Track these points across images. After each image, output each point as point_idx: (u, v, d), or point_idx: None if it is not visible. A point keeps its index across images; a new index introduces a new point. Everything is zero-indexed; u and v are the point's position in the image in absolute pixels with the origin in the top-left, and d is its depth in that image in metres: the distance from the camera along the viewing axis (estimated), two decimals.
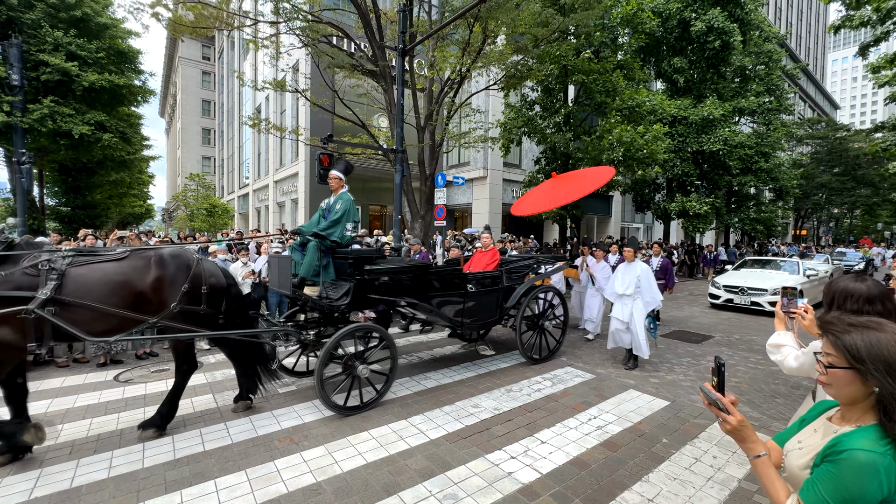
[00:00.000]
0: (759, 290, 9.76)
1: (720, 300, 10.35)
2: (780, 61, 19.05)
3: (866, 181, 32.73)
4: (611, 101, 12.27)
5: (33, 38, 12.81)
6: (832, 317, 1.17)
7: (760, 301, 9.63)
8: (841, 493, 0.98)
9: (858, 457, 0.97)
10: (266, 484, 2.87)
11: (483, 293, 5.17)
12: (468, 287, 4.98)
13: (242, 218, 32.54)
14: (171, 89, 52.44)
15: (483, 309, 5.23)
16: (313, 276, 4.18)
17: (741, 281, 10.16)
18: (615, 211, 23.68)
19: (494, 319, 5.40)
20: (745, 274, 10.82)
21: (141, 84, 16.28)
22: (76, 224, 17.35)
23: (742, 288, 9.99)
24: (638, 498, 2.80)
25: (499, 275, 5.41)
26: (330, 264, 4.28)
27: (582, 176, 6.98)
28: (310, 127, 16.69)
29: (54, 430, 3.56)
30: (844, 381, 1.07)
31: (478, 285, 5.11)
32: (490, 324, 5.43)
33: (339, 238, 4.28)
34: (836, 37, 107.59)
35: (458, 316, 4.99)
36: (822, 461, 1.05)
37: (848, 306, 1.68)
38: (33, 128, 12.41)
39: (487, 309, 5.29)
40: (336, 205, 4.42)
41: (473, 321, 5.15)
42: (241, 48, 28.70)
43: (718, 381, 1.20)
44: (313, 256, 4.17)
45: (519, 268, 5.78)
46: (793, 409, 4.34)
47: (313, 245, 4.18)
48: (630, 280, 5.48)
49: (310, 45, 10.17)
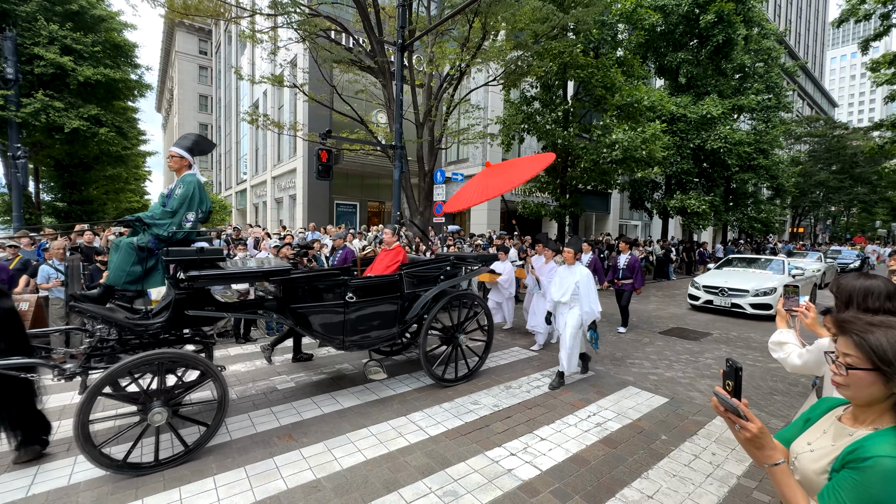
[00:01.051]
0: (739, 291, 9.07)
1: (699, 301, 9.66)
2: (780, 59, 19.05)
3: (864, 179, 32.88)
4: (609, 97, 12.24)
5: (28, 31, 12.67)
6: (851, 316, 1.12)
7: (741, 303, 8.95)
8: (867, 501, 0.94)
9: (886, 464, 0.93)
10: (265, 481, 2.86)
11: (371, 302, 4.20)
12: (347, 296, 4.01)
13: (240, 214, 32.39)
14: (168, 84, 52.03)
15: (373, 321, 4.25)
16: (128, 284, 3.26)
17: (721, 281, 9.47)
18: (613, 208, 23.71)
19: (393, 333, 4.42)
20: (726, 273, 10.14)
21: (137, 78, 16.15)
22: (72, 219, 17.24)
23: (722, 288, 9.28)
24: (637, 495, 2.81)
25: (396, 280, 4.42)
26: (158, 268, 3.38)
27: (517, 165, 6.42)
28: (308, 123, 16.60)
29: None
30: (865, 382, 1.02)
31: (363, 293, 4.15)
32: (387, 339, 4.43)
33: (167, 232, 3.31)
34: (835, 35, 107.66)
35: (336, 331, 4.02)
36: (842, 467, 1.01)
37: (869, 304, 1.64)
38: (28, 122, 12.29)
39: (381, 321, 4.30)
40: (176, 189, 3.46)
41: (361, 337, 4.18)
42: (238, 43, 28.47)
43: (735, 386, 1.10)
44: (124, 257, 3.23)
45: (426, 271, 4.74)
46: (791, 407, 4.36)
47: (125, 243, 3.27)
48: (568, 285, 4.73)
49: (307, 40, 10.09)
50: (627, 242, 7.81)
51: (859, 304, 1.67)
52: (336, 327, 4.03)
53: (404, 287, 4.46)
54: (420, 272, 4.68)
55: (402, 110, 8.85)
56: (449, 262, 4.87)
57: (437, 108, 10.45)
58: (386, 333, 4.37)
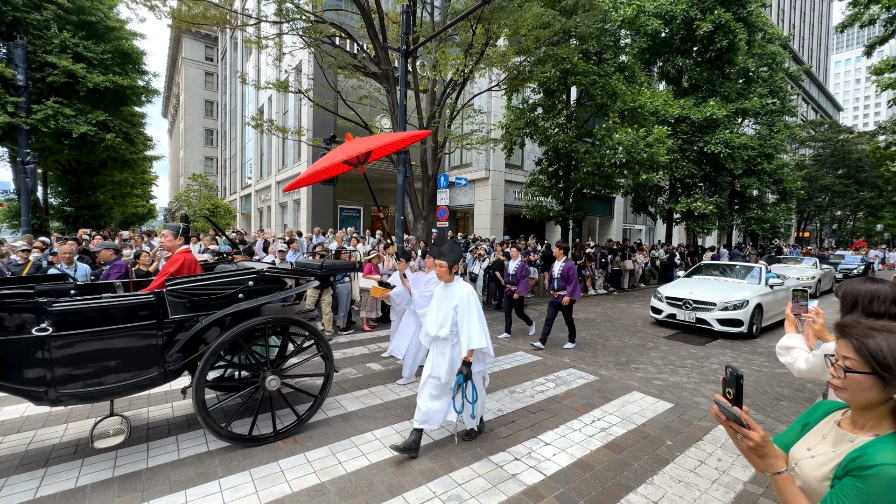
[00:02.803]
0: (706, 305, 7.71)
1: (661, 315, 8.36)
2: (784, 63, 19.04)
3: (869, 183, 32.69)
4: (611, 104, 12.28)
5: (39, 38, 12.89)
6: (851, 320, 1.11)
7: (707, 318, 7.62)
8: None
9: (890, 472, 0.93)
10: (270, 484, 2.87)
11: (98, 335, 2.88)
12: (41, 326, 2.69)
13: (245, 218, 32.62)
14: (175, 90, 52.62)
15: (108, 362, 2.95)
16: None
17: (687, 291, 8.16)
18: (617, 212, 23.67)
19: (153, 377, 3.11)
20: (694, 283, 8.84)
21: (144, 84, 16.37)
22: (80, 224, 17.44)
23: (686, 300, 7.97)
24: (643, 500, 2.79)
25: (150, 301, 3.05)
26: None
27: (380, 138, 4.87)
28: (312, 128, 16.73)
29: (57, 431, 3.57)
30: (863, 386, 1.03)
31: (80, 321, 2.83)
32: (139, 385, 3.08)
33: None
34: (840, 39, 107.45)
35: (35, 381, 2.75)
36: (844, 474, 1.00)
37: (875, 308, 1.64)
38: (37, 128, 12.48)
39: (122, 361, 2.99)
40: None
41: (87, 385, 2.88)
42: (244, 49, 28.79)
43: (736, 394, 1.08)
44: None
45: (210, 288, 3.29)
46: (797, 412, 4.32)
47: None
48: (445, 313, 3.32)
49: (312, 46, 10.21)
50: (561, 248, 6.59)
51: (864, 308, 1.67)
52: (33, 374, 2.74)
53: (169, 310, 3.13)
54: (199, 289, 3.24)
55: (406, 115, 8.91)
56: (255, 274, 3.50)
57: (440, 113, 10.51)
58: (136, 378, 3.04)
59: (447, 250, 3.36)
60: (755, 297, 7.65)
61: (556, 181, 13.99)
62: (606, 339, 7.33)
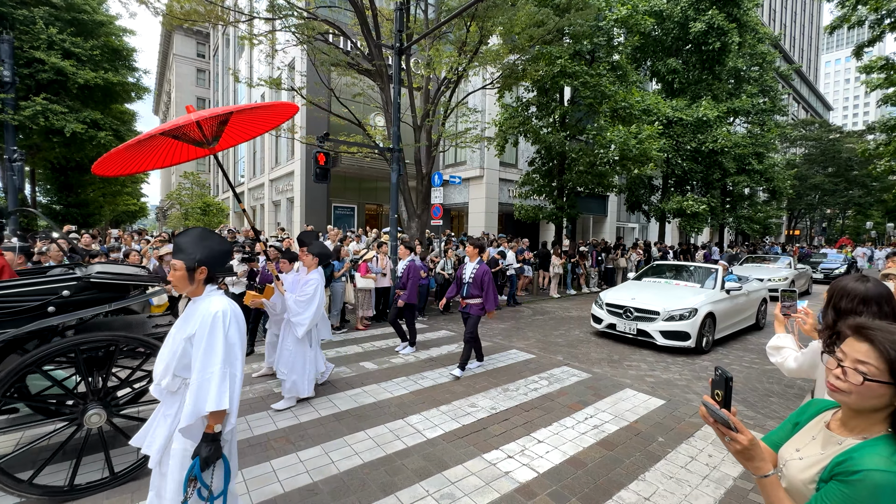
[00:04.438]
0: (648, 314, 6.57)
1: (601, 325, 7.20)
2: (774, 63, 19.21)
3: (859, 182, 33.15)
4: (598, 105, 12.34)
5: (26, 34, 12.67)
6: (874, 322, 1.04)
7: (649, 329, 6.47)
8: None
9: (875, 478, 0.90)
10: (262, 484, 2.86)
11: None
12: None
13: (237, 217, 32.36)
14: (166, 87, 52.00)
15: None
16: None
17: (629, 297, 6.99)
18: (611, 211, 23.78)
19: None
20: (640, 287, 7.67)
21: (135, 81, 16.16)
22: (69, 222, 17.18)
23: (627, 308, 6.83)
24: (634, 497, 2.81)
25: None
26: None
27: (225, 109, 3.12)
28: (305, 125, 16.62)
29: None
30: (876, 393, 0.97)
31: None
32: None
33: None
34: (830, 39, 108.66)
35: None
36: (830, 478, 0.98)
37: (843, 305, 1.61)
38: (25, 125, 12.27)
39: None
40: None
41: None
42: (236, 46, 28.51)
43: (725, 396, 1.05)
44: None
45: (7, 298, 2.54)
46: (787, 409, 4.38)
47: None
48: (174, 347, 1.95)
49: (305, 43, 10.12)
50: (476, 246, 5.32)
51: (835, 304, 1.65)
52: None
53: None
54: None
55: (400, 113, 8.88)
56: (74, 281, 2.72)
57: (434, 111, 10.48)
58: None
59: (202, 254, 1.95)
60: (706, 305, 6.46)
61: (550, 180, 14.03)
62: (599, 336, 7.37)
